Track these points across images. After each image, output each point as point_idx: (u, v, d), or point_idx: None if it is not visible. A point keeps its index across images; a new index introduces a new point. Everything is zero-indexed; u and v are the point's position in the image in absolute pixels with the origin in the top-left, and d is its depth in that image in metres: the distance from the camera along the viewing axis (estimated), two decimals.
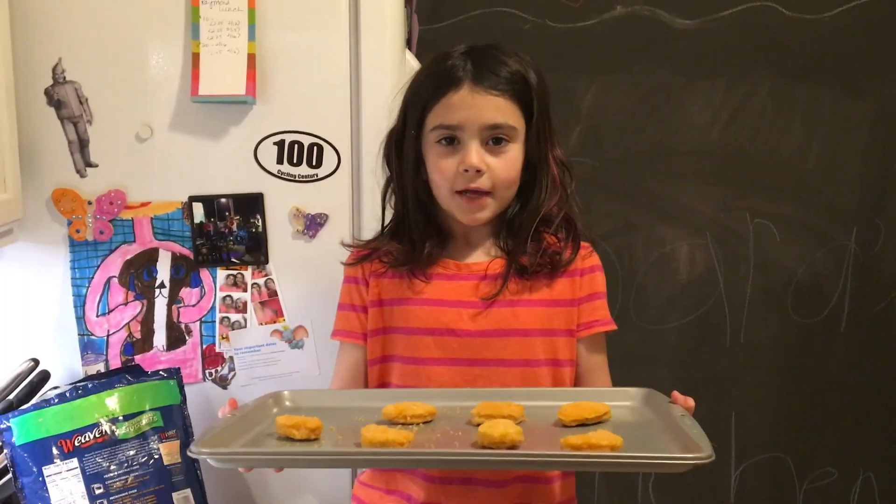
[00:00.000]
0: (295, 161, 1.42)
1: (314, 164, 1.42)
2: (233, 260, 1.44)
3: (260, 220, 1.43)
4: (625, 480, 2.23)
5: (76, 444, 1.26)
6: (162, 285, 1.44)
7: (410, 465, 1.14)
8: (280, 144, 1.41)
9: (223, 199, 1.42)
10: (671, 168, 2.12)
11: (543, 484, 1.19)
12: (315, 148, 1.42)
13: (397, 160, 1.22)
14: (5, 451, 1.25)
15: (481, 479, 1.16)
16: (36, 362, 1.41)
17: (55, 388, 1.39)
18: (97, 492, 1.26)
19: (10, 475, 1.25)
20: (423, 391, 1.15)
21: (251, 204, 1.42)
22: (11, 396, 1.34)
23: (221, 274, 1.44)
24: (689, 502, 2.24)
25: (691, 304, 2.17)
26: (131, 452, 1.29)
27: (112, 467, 1.28)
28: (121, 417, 1.30)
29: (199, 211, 1.42)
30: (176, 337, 1.45)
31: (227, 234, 1.43)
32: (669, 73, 2.08)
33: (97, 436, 1.28)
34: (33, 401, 1.32)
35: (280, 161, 1.42)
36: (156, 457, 1.30)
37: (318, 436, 1.01)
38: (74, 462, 1.26)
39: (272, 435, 1.03)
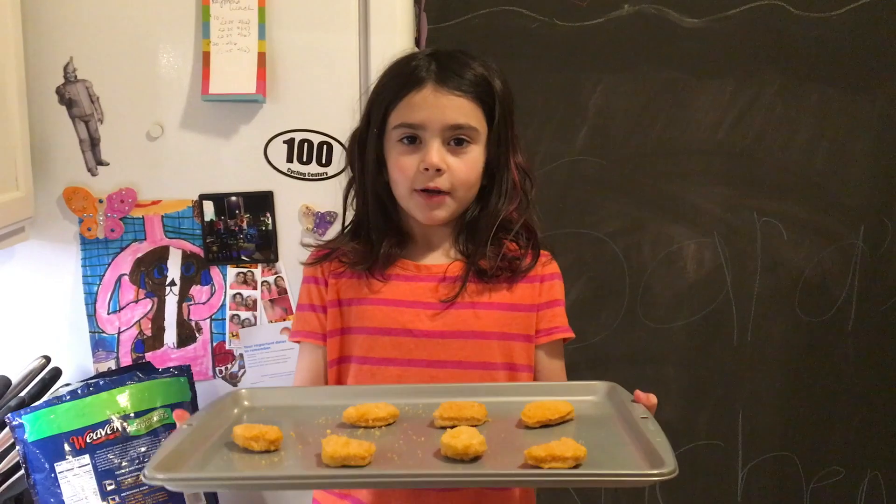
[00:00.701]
0: (304, 159, 1.42)
1: (323, 162, 1.43)
2: (243, 258, 1.45)
3: (270, 218, 1.43)
4: None
5: (88, 440, 1.27)
6: (172, 283, 1.45)
7: (373, 486, 1.11)
8: (290, 143, 1.42)
9: (233, 198, 1.43)
10: (678, 167, 2.12)
11: (499, 490, 1.18)
12: (324, 146, 1.42)
13: (360, 161, 1.22)
14: (18, 447, 1.26)
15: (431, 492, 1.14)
16: (47, 359, 1.42)
17: (67, 385, 1.40)
18: (109, 488, 1.27)
19: (22, 471, 1.26)
20: (384, 388, 1.13)
21: (261, 202, 1.43)
22: (23, 393, 1.34)
23: (231, 272, 1.45)
24: (696, 501, 2.24)
25: (698, 302, 2.17)
26: (142, 449, 1.30)
27: (123, 464, 1.28)
28: (132, 414, 1.31)
29: (209, 209, 1.43)
30: (186, 334, 1.46)
31: (238, 232, 1.44)
32: (677, 71, 2.08)
33: (108, 432, 1.29)
34: (45, 398, 1.33)
35: (290, 159, 1.42)
36: None
37: (277, 447, 0.97)
38: (86, 458, 1.27)
39: (230, 445, 0.99)
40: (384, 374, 1.18)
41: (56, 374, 1.40)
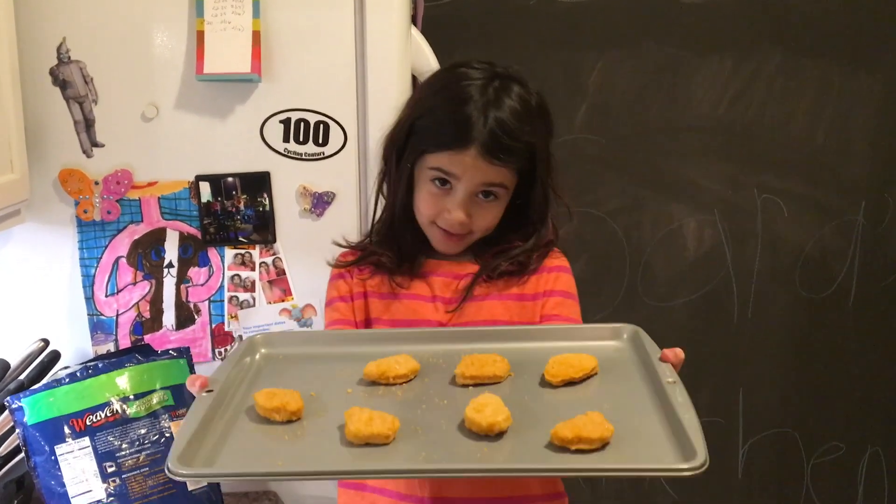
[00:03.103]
0: (301, 139, 1.41)
1: (320, 142, 1.42)
2: (240, 239, 1.44)
3: (267, 199, 1.43)
4: None
5: (88, 423, 1.27)
6: (170, 265, 1.45)
7: (400, 477, 1.12)
8: (286, 123, 1.41)
9: (230, 178, 1.42)
10: (679, 144, 2.11)
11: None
12: (321, 126, 1.41)
13: (396, 172, 1.23)
14: (17, 430, 1.26)
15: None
16: (46, 342, 1.41)
17: (66, 367, 1.40)
18: (109, 470, 1.27)
19: (22, 454, 1.26)
20: (403, 332, 1.15)
21: (258, 183, 1.42)
22: (22, 377, 1.34)
23: (229, 253, 1.45)
24: (696, 478, 2.24)
25: (699, 280, 2.17)
26: (142, 431, 1.30)
27: (124, 446, 1.28)
28: (131, 396, 1.31)
29: (205, 190, 1.42)
30: (185, 316, 1.46)
31: (235, 213, 1.43)
32: (677, 48, 2.07)
33: (108, 415, 1.29)
34: (44, 381, 1.33)
35: (286, 139, 1.41)
36: (167, 435, 1.31)
37: (299, 416, 0.96)
38: (86, 441, 1.27)
39: (250, 412, 0.98)
40: None
41: (55, 357, 1.40)
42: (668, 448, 0.88)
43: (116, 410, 1.29)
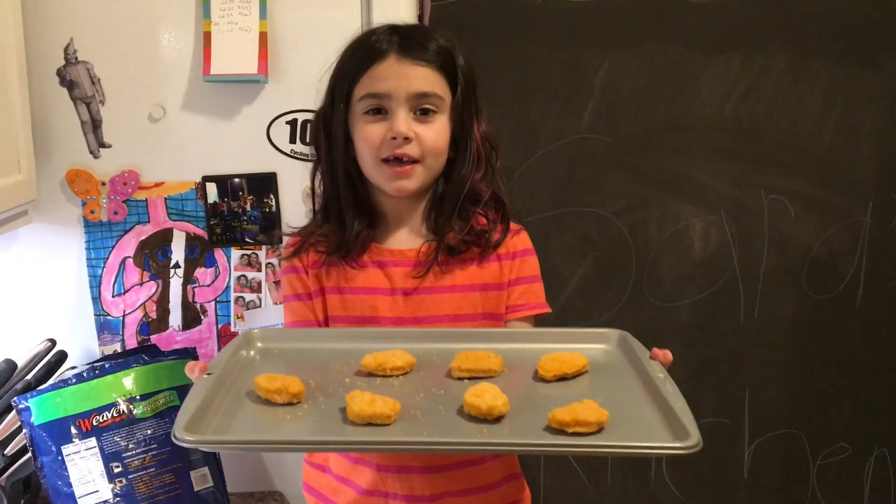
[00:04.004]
0: (308, 140, 1.41)
1: None
2: (247, 240, 1.44)
3: (273, 200, 1.43)
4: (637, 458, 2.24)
5: (94, 423, 1.28)
6: (177, 265, 1.45)
7: (403, 451, 1.11)
8: (292, 124, 1.41)
9: (236, 179, 1.42)
10: (685, 144, 2.10)
11: (480, 465, 1.20)
12: None
13: (326, 140, 1.20)
14: (24, 430, 1.26)
15: (418, 467, 1.17)
16: (53, 343, 1.42)
17: (72, 368, 1.40)
18: (116, 470, 1.27)
19: (29, 454, 1.27)
20: (399, 331, 1.15)
21: (264, 183, 1.42)
22: (29, 377, 1.35)
23: (236, 254, 1.45)
24: (702, 479, 2.24)
25: (705, 280, 2.16)
26: (149, 431, 1.30)
27: (130, 446, 1.29)
28: (138, 397, 1.31)
29: (212, 191, 1.43)
30: (191, 317, 1.46)
31: (241, 213, 1.43)
32: (683, 47, 2.06)
33: (115, 415, 1.29)
34: (51, 381, 1.33)
35: (293, 140, 1.41)
36: None
37: (299, 400, 0.98)
38: (93, 441, 1.27)
39: (251, 395, 0.99)
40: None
41: (62, 357, 1.40)
42: (662, 431, 0.90)
43: (123, 411, 1.30)
